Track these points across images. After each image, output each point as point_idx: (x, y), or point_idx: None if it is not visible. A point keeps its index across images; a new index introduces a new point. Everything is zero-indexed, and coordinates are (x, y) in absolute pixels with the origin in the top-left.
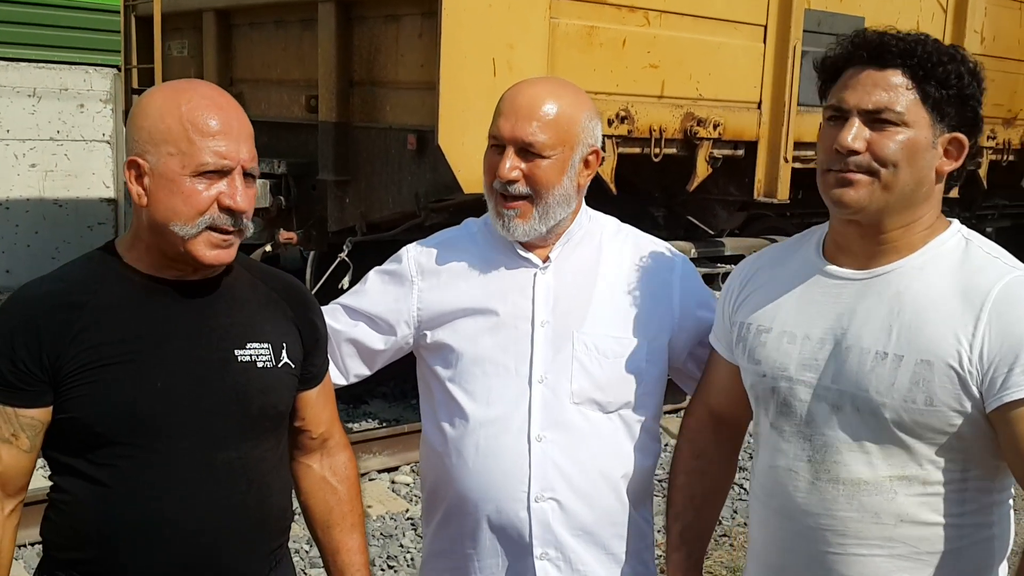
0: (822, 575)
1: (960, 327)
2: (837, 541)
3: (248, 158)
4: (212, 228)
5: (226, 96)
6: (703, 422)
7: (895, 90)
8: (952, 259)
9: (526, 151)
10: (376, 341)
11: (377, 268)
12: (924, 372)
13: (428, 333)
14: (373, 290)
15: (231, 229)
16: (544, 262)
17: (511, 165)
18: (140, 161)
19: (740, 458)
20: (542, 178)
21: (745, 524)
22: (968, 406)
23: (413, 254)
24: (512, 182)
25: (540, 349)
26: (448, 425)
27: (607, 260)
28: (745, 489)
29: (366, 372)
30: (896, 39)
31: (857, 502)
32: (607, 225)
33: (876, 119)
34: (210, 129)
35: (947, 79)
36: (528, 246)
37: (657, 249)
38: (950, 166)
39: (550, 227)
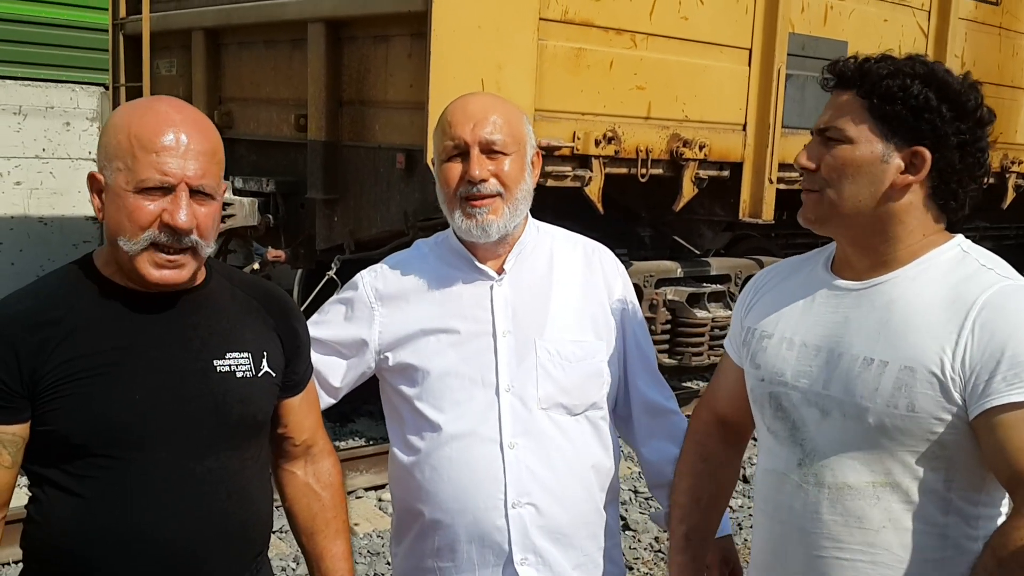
0: None
1: (944, 334)
2: (822, 544)
3: (196, 175)
4: (156, 246)
5: (186, 112)
6: (709, 425)
7: (841, 108)
8: (945, 269)
9: (490, 151)
10: (339, 368)
11: (334, 297)
12: (907, 378)
13: (390, 355)
14: (334, 319)
15: (175, 247)
16: (499, 274)
17: (482, 166)
18: (98, 176)
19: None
20: (511, 174)
21: None
22: (950, 414)
23: (368, 279)
24: (483, 181)
25: (504, 358)
26: (419, 441)
27: (560, 267)
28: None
29: (330, 401)
30: (855, 61)
31: (841, 506)
32: (556, 235)
33: (826, 137)
34: (154, 145)
35: (889, 93)
36: (482, 258)
37: (605, 255)
38: (907, 180)
39: (515, 225)
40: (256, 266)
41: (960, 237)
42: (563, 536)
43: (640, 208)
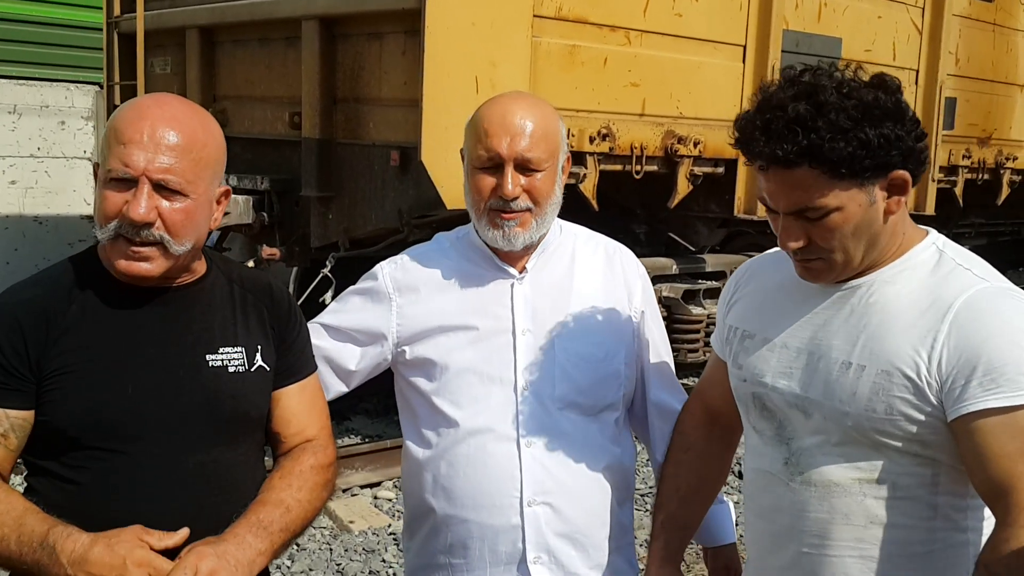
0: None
1: (920, 338)
2: (810, 542)
3: (158, 169)
4: (122, 237)
5: (170, 108)
6: (697, 418)
7: (805, 186)
8: (923, 270)
9: (524, 167)
10: (355, 357)
11: (353, 287)
12: (884, 382)
13: (407, 348)
14: (352, 308)
15: (137, 239)
16: (520, 272)
17: (515, 183)
18: (97, 165)
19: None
20: (542, 190)
21: None
22: (928, 416)
23: (388, 270)
24: (515, 198)
25: (523, 357)
26: (435, 437)
27: (581, 267)
28: None
29: (344, 389)
30: (784, 134)
31: (828, 503)
32: (578, 234)
33: (803, 215)
34: (123, 137)
35: (842, 155)
36: (505, 257)
37: (625, 255)
38: (899, 203)
39: (540, 235)
40: (251, 264)
41: (934, 234)
42: (578, 536)
43: (635, 205)
